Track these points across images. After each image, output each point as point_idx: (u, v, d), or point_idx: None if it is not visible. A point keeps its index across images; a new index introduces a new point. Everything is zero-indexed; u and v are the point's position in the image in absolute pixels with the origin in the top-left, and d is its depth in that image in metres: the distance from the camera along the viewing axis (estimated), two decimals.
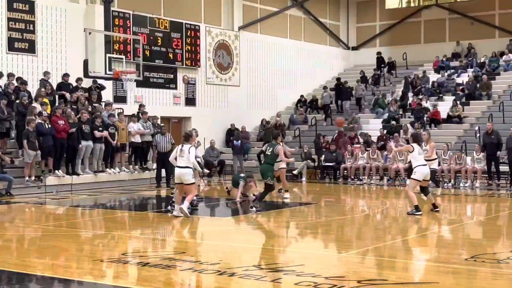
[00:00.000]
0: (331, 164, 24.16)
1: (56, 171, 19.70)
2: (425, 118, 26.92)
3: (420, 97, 28.85)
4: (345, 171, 23.83)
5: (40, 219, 14.85)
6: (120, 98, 24.93)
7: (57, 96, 21.65)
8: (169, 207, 14.51)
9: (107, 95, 23.94)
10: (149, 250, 10.53)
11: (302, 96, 31.69)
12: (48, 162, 19.48)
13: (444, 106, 27.90)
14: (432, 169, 15.97)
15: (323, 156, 24.55)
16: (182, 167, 13.38)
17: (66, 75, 22.11)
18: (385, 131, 25.89)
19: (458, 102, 27.70)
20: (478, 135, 24.11)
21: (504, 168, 20.96)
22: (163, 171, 20.79)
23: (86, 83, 22.56)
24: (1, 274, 8.67)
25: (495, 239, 11.81)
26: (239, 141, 25.74)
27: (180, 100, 27.47)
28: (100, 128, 20.55)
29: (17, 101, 19.98)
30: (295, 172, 24.23)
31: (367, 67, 34.99)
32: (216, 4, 29.46)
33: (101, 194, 19.17)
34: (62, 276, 8.49)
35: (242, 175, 17.60)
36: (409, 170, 22.24)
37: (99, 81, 22.62)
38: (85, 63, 20.96)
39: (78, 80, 22.10)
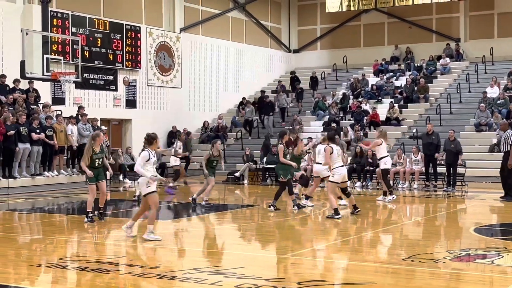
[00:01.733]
0: (273, 166, 24.20)
1: None
2: (364, 121, 27.35)
3: (360, 99, 29.28)
4: None
5: None
6: (59, 100, 24.48)
7: None
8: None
9: (45, 96, 23.47)
10: (88, 255, 10.37)
11: (244, 98, 31.76)
12: None
13: (383, 109, 28.42)
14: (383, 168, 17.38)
15: (265, 158, 24.62)
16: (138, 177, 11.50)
17: (2, 76, 21.59)
18: (325, 133, 26.14)
19: (395, 104, 28.22)
20: (414, 134, 24.56)
21: (441, 169, 21.44)
22: None
23: (24, 84, 22.07)
24: None
25: (433, 239, 12.05)
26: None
27: (121, 102, 27.17)
28: (38, 131, 20.14)
29: None
30: (236, 174, 24.27)
31: (308, 69, 35.35)
32: (157, 5, 29.26)
33: (39, 198, 18.78)
34: None
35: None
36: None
37: (36, 82, 22.17)
38: (22, 64, 20.53)
39: (15, 81, 21.61)
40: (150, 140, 11.41)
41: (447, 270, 8.93)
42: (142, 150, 11.44)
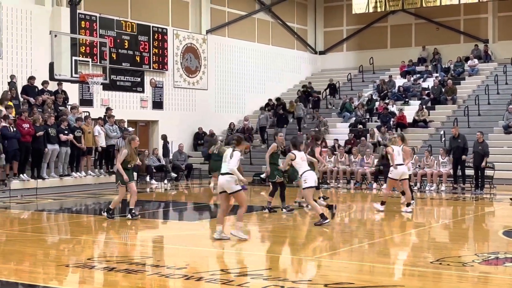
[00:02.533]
0: None
1: (21, 175, 19.45)
2: (391, 122, 27.20)
3: (387, 101, 29.13)
4: None
5: (5, 224, 14.61)
6: (87, 101, 24.71)
7: (22, 99, 21.38)
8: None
9: (74, 98, 23.71)
10: (115, 255, 10.45)
11: (270, 100, 31.76)
12: (13, 166, 19.22)
13: (410, 111, 28.23)
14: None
15: None
16: (224, 174, 11.55)
17: (32, 78, 21.84)
18: (352, 135, 26.08)
19: (423, 106, 28.03)
20: (443, 139, 24.41)
21: (469, 171, 21.24)
22: None
23: (52, 86, 22.32)
24: None
25: (461, 242, 11.95)
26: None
27: (147, 103, 27.33)
28: (66, 132, 20.34)
29: None
30: (262, 176, 24.22)
31: (334, 71, 35.29)
32: (183, 8, 29.39)
33: (67, 198, 18.96)
34: (27, 281, 8.38)
35: None
36: (376, 174, 22.56)
37: (65, 83, 22.40)
38: (51, 66, 20.73)
39: (44, 83, 21.85)
40: (239, 140, 11.77)
41: (475, 274, 8.85)
42: (233, 150, 11.56)
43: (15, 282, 8.38)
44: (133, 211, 13.94)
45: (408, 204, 15.34)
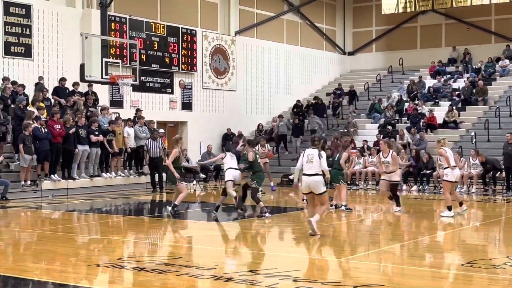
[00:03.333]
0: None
1: (52, 176, 19.68)
2: (421, 123, 26.98)
3: (416, 102, 28.91)
4: None
5: (36, 224, 14.81)
6: (116, 103, 24.92)
7: (53, 100, 21.63)
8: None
9: (104, 99, 23.92)
10: (145, 255, 10.51)
11: (298, 101, 31.70)
12: (44, 166, 19.46)
13: (440, 111, 27.95)
14: (394, 181, 15.49)
15: None
16: (311, 175, 11.86)
17: (62, 79, 22.08)
18: (381, 136, 25.91)
19: (454, 107, 27.76)
20: (474, 140, 24.14)
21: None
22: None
23: (83, 87, 22.54)
24: None
25: (492, 245, 11.81)
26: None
27: (177, 104, 27.46)
28: (96, 133, 20.54)
29: (13, 105, 19.94)
30: (291, 177, 24.22)
31: (363, 72, 35.13)
32: (212, 9, 29.48)
33: (97, 199, 19.13)
34: (58, 280, 8.47)
35: None
36: (406, 175, 22.39)
37: (95, 85, 22.62)
38: (82, 67, 20.93)
39: (75, 84, 22.08)
40: (323, 141, 12.58)
41: (506, 276, 8.74)
42: (319, 151, 11.94)
43: (46, 281, 8.48)
44: (176, 208, 14.48)
45: (461, 204, 15.20)
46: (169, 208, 14.50)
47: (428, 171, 21.99)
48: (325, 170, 11.72)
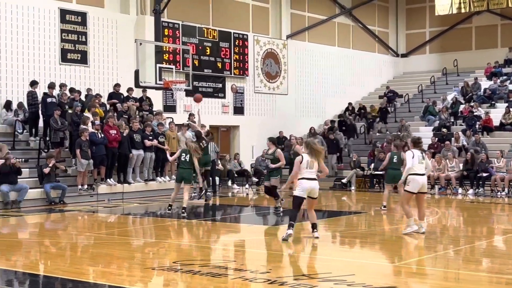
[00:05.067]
0: (380, 172, 23.88)
1: (108, 180, 20.02)
2: (477, 126, 26.50)
3: (472, 104, 28.40)
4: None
5: (93, 227, 15.09)
6: (170, 108, 25.21)
7: (108, 106, 22.01)
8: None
9: (157, 104, 24.24)
10: (199, 258, 10.59)
11: (350, 104, 31.52)
12: (100, 171, 19.82)
13: (497, 113, 27.38)
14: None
15: (372, 164, 24.31)
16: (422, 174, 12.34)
17: (117, 85, 22.45)
18: (436, 139, 25.55)
19: (510, 109, 27.16)
20: None
21: None
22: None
23: (137, 93, 22.87)
24: (54, 281, 8.84)
25: None
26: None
27: (229, 109, 27.63)
28: (151, 137, 20.81)
29: (70, 111, 20.36)
30: (344, 180, 24.13)
31: (416, 74, 34.68)
32: (264, 13, 29.57)
33: (152, 202, 19.37)
34: (114, 283, 8.60)
35: None
36: (461, 178, 22.02)
37: (149, 90, 22.92)
38: (136, 73, 21.23)
39: (129, 90, 22.42)
40: (417, 142, 12.64)
41: None
42: (423, 151, 12.55)
43: (103, 284, 8.62)
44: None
45: None
46: (181, 210, 15.55)
47: (484, 174, 21.58)
48: (430, 170, 12.40)
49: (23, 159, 19.21)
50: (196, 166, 15.96)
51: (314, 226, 11.92)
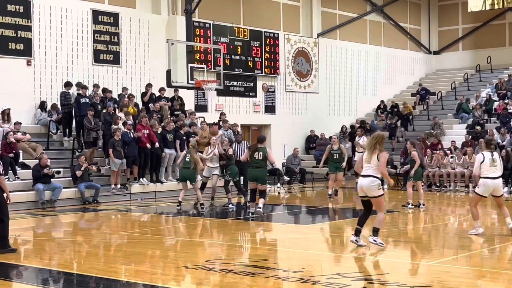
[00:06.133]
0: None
1: (141, 179, 20.17)
2: (511, 123, 26.12)
3: (506, 101, 28.01)
4: (428, 178, 23.32)
5: (126, 226, 15.22)
6: (201, 107, 25.31)
7: (140, 106, 22.17)
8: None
9: (189, 104, 24.35)
10: (232, 257, 10.60)
11: (382, 101, 31.31)
12: (133, 170, 19.97)
13: None
14: None
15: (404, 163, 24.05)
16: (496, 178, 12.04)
17: (149, 85, 22.60)
18: (469, 136, 25.25)
19: None
20: None
21: None
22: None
23: (169, 92, 23.00)
24: (89, 280, 8.93)
25: None
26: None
27: (260, 108, 27.64)
28: (184, 137, 20.90)
29: (104, 111, 20.56)
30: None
31: (449, 71, 34.33)
32: (294, 12, 29.52)
33: (184, 202, 19.40)
34: (148, 282, 8.66)
35: None
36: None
37: (181, 90, 23.02)
38: (168, 73, 21.35)
39: (161, 90, 22.56)
40: (489, 143, 12.32)
41: None
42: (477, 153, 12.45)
43: (136, 282, 8.68)
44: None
45: None
46: (202, 208, 16.32)
47: None
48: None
49: (55, 170, 18.50)
50: (200, 165, 16.71)
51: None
